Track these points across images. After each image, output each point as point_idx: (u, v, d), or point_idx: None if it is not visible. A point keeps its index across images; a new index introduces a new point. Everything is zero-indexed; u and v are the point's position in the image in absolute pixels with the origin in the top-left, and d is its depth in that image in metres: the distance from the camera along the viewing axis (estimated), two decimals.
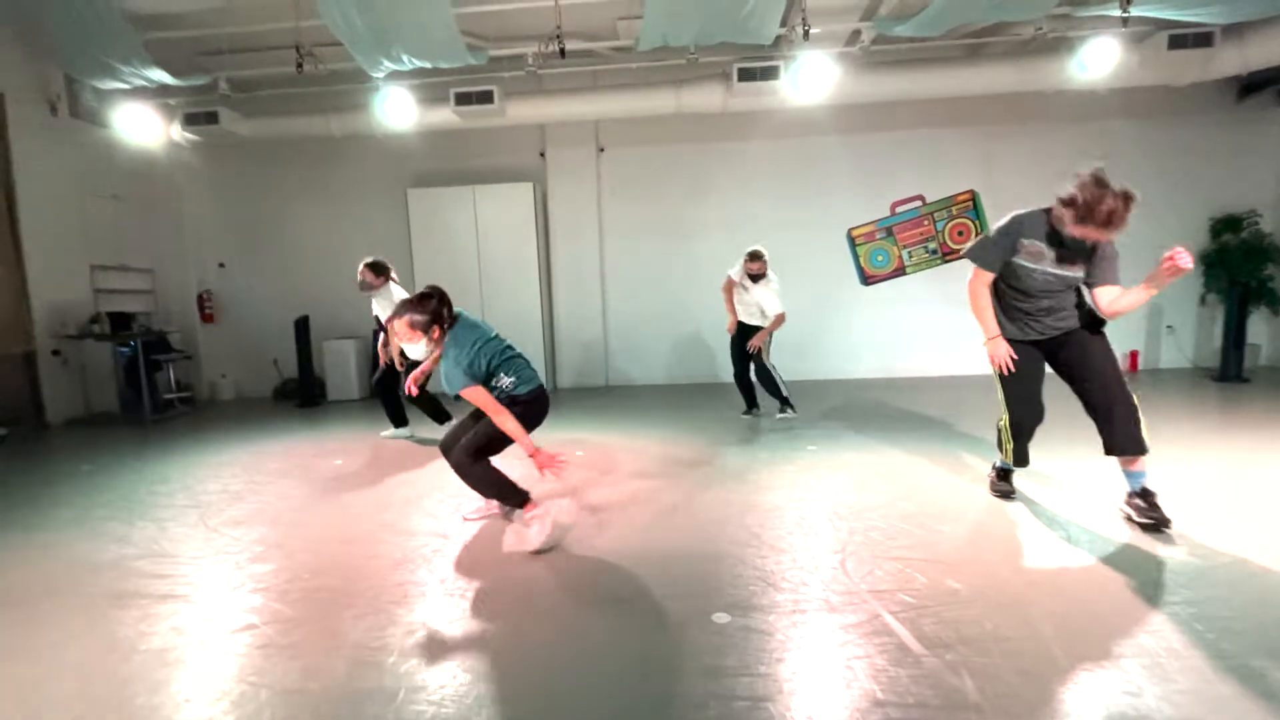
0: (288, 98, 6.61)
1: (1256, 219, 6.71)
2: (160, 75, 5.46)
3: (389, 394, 4.96)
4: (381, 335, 4.70)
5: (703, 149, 7.25)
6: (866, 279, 7.44)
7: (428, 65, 5.39)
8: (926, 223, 7.35)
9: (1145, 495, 2.63)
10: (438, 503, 3.32)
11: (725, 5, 4.63)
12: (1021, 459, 2.91)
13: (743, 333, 5.10)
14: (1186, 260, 2.31)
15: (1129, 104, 6.63)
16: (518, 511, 2.81)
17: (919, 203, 7.33)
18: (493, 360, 2.74)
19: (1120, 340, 7.21)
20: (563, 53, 4.46)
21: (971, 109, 6.78)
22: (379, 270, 4.71)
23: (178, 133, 6.59)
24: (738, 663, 1.78)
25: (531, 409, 2.76)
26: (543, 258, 7.34)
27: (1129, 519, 2.68)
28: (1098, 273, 2.66)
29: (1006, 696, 1.59)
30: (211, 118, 6.30)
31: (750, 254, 4.87)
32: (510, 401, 2.70)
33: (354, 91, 6.46)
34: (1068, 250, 2.62)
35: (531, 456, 2.62)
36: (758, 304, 4.95)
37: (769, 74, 5.80)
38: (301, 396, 7.04)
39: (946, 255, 7.31)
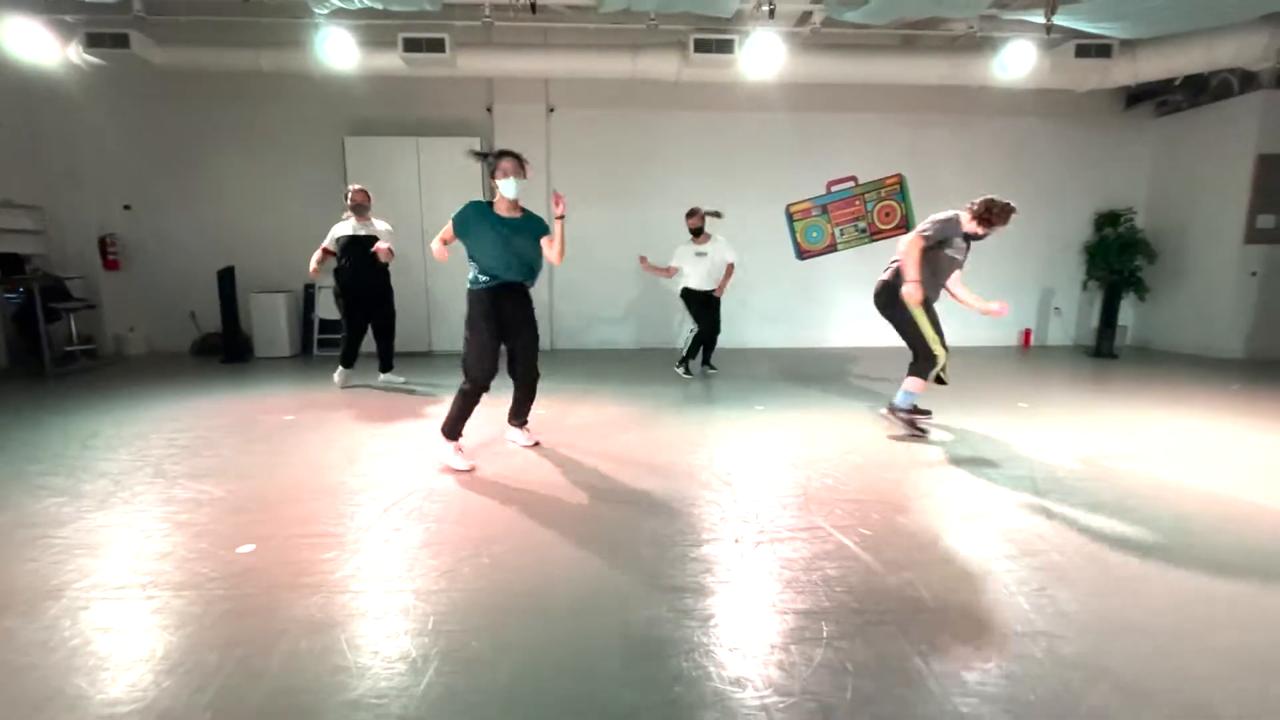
0: (212, 25, 6.05)
1: (1131, 216, 7.65)
2: None
3: (359, 332, 5.24)
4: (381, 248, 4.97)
5: (654, 116, 7.33)
6: (802, 254, 7.88)
7: (378, 6, 5.12)
8: (858, 203, 7.84)
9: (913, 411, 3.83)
10: (410, 455, 3.36)
11: None
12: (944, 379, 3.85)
13: (696, 298, 5.53)
14: (1001, 312, 3.67)
15: (1037, 103, 7.32)
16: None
17: (852, 183, 7.79)
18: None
19: (1016, 320, 8.11)
20: (534, 8, 4.40)
21: (904, 97, 7.23)
22: (369, 196, 5.22)
23: (77, 54, 5.90)
24: (727, 579, 2.03)
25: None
26: None
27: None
28: (963, 262, 3.86)
29: (954, 600, 1.93)
30: (120, 40, 5.67)
31: (690, 211, 5.58)
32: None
33: (288, 26, 6.01)
34: (965, 244, 3.77)
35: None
36: (718, 263, 5.58)
37: (724, 47, 5.94)
38: (227, 353, 6.65)
39: (874, 235, 7.85)
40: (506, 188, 3.15)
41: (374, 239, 5.07)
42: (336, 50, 5.86)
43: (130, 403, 4.63)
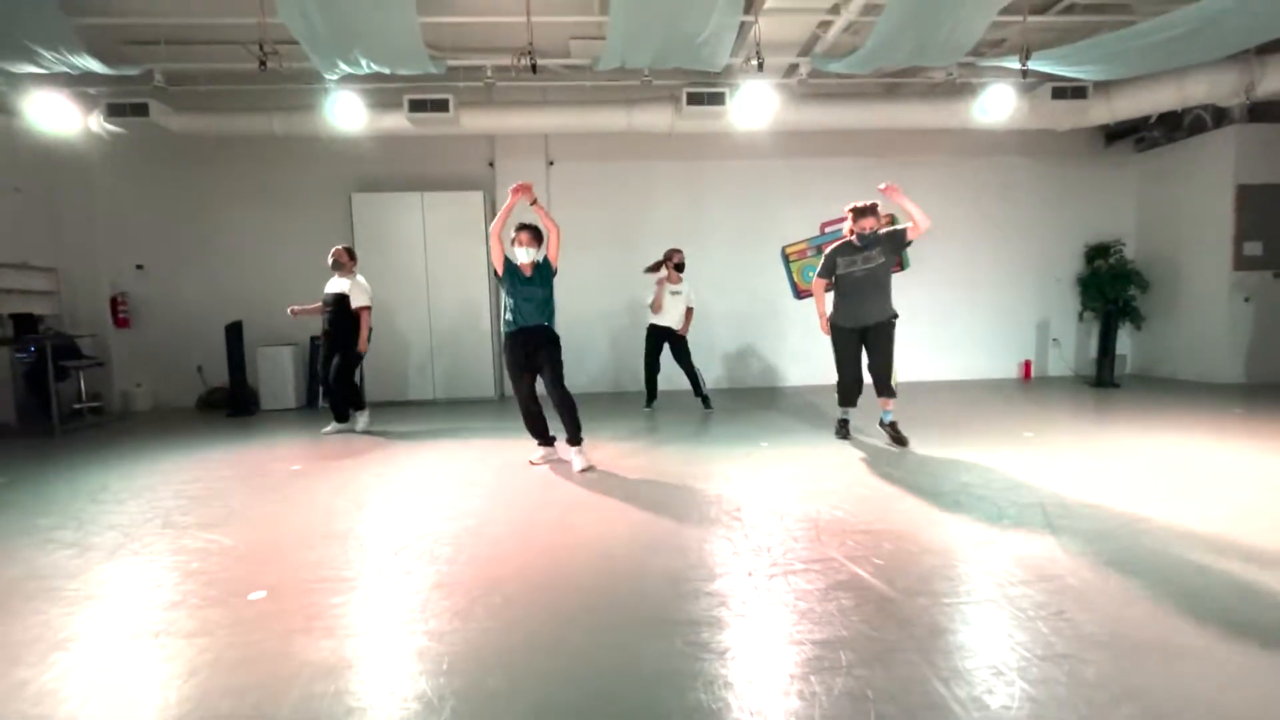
0: (226, 94, 6.36)
1: (1121, 247, 7.82)
2: (89, 63, 5.14)
3: (346, 386, 5.42)
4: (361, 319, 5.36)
5: (651, 166, 7.59)
6: (799, 294, 7.98)
7: (386, 71, 5.39)
8: None
9: (893, 425, 4.40)
10: (417, 499, 3.36)
11: (683, 33, 4.96)
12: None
13: (660, 334, 6.09)
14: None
15: (1021, 143, 7.59)
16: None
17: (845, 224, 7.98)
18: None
19: (1015, 352, 8.18)
20: (534, 68, 4.63)
21: (890, 141, 7.50)
22: (354, 255, 5.50)
23: (97, 124, 6.17)
24: (742, 612, 2.01)
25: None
26: (491, 267, 7.37)
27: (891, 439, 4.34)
28: (865, 262, 4.35)
29: (974, 624, 1.92)
30: (139, 109, 5.96)
31: (677, 249, 6.10)
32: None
33: (299, 91, 6.31)
34: (857, 252, 4.33)
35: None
36: (685, 303, 6.07)
37: (715, 99, 6.22)
38: (232, 406, 6.69)
39: None
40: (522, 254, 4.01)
41: (342, 297, 5.35)
42: (345, 113, 6.14)
43: (137, 457, 4.64)
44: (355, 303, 5.34)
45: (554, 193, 7.56)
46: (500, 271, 4.01)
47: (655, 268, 6.18)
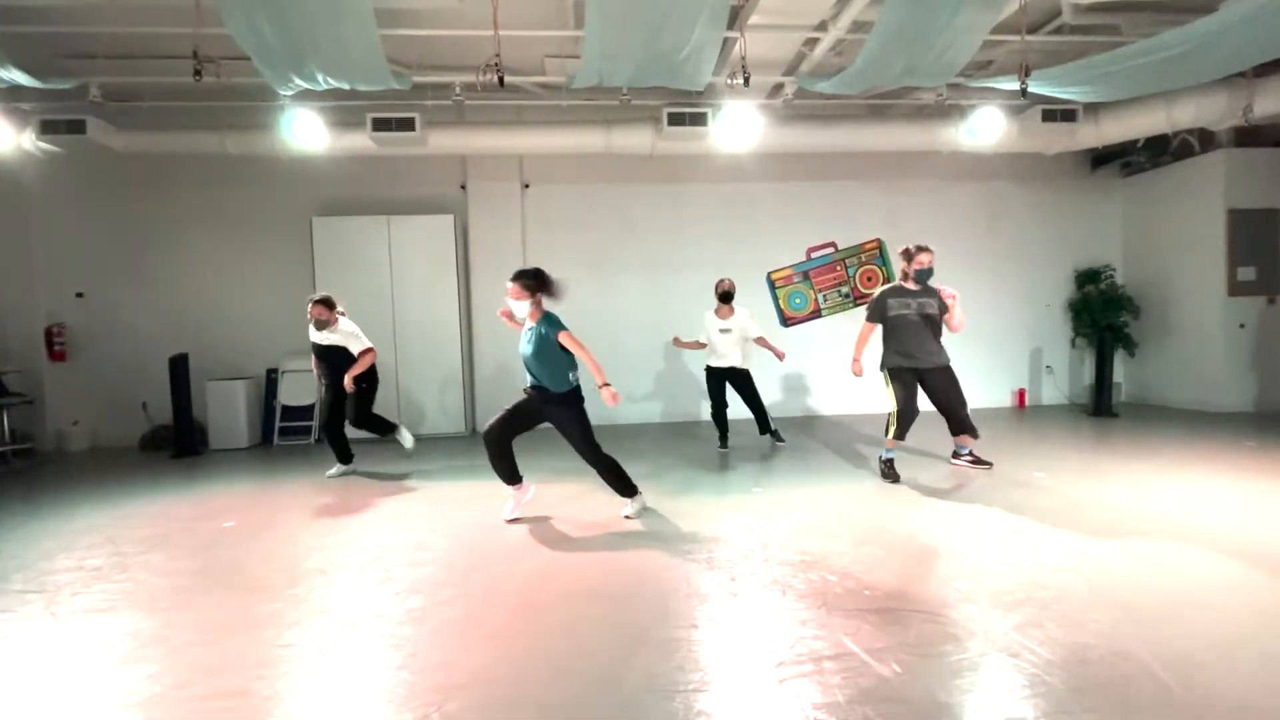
0: (174, 111, 5.94)
1: (1111, 272, 7.65)
2: (16, 75, 4.70)
3: (338, 430, 4.99)
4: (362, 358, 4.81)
5: (631, 189, 7.28)
6: (786, 320, 7.70)
7: (345, 86, 5.02)
8: (839, 268, 7.76)
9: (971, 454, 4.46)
10: (359, 570, 2.90)
11: (663, 49, 4.68)
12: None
13: (720, 375, 5.51)
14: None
15: (1009, 167, 7.42)
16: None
17: (831, 249, 7.74)
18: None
19: (1008, 381, 7.93)
20: (501, 81, 4.29)
21: (878, 164, 7.29)
22: (331, 305, 4.88)
23: (30, 142, 5.70)
24: None
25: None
26: (463, 293, 6.98)
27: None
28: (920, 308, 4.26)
29: None
30: (76, 126, 5.50)
31: (723, 278, 5.63)
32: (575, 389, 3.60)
33: (253, 109, 5.91)
34: (912, 296, 4.27)
35: (604, 387, 3.50)
36: (742, 336, 5.52)
37: (698, 120, 5.95)
38: (177, 445, 6.13)
39: (858, 299, 7.71)
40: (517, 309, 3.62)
41: (334, 349, 4.84)
42: (304, 131, 5.75)
43: (48, 512, 4.10)
44: (356, 349, 4.84)
45: (529, 217, 7.20)
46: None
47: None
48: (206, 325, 6.83)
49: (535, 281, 3.52)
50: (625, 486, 3.61)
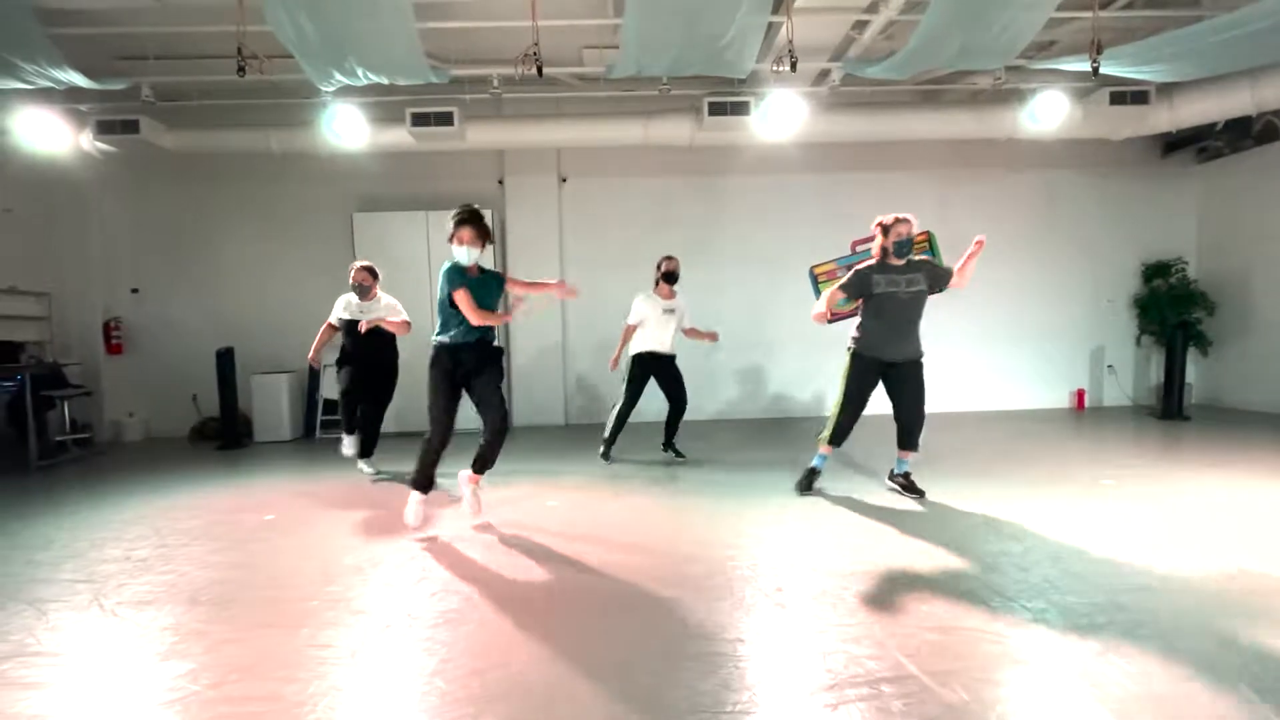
0: (222, 109, 6.06)
1: (1183, 265, 7.16)
2: (72, 76, 4.84)
3: (363, 415, 4.74)
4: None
5: (669, 182, 7.14)
6: (830, 316, 7.44)
7: (384, 81, 5.02)
8: None
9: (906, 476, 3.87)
10: (395, 568, 2.86)
11: (704, 35, 4.52)
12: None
13: (655, 363, 4.89)
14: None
15: (1070, 155, 7.00)
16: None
17: None
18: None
19: (1066, 380, 7.52)
20: (540, 71, 4.21)
21: (928, 153, 6.97)
22: (375, 274, 4.70)
23: (89, 142, 5.89)
24: None
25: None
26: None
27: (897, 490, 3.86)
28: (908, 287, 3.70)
29: None
30: (130, 126, 5.66)
31: (669, 256, 4.98)
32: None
33: (298, 107, 5.99)
34: (896, 273, 3.72)
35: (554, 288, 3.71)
36: (677, 321, 4.92)
37: (739, 109, 5.77)
38: (223, 438, 6.28)
39: None
40: (460, 254, 3.28)
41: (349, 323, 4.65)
42: (344, 127, 5.79)
43: (101, 501, 4.20)
44: (400, 317, 4.64)
45: (566, 211, 7.13)
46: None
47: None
48: (251, 320, 6.98)
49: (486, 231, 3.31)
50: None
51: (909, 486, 3.82)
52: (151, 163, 6.52)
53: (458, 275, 3.24)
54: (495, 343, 3.53)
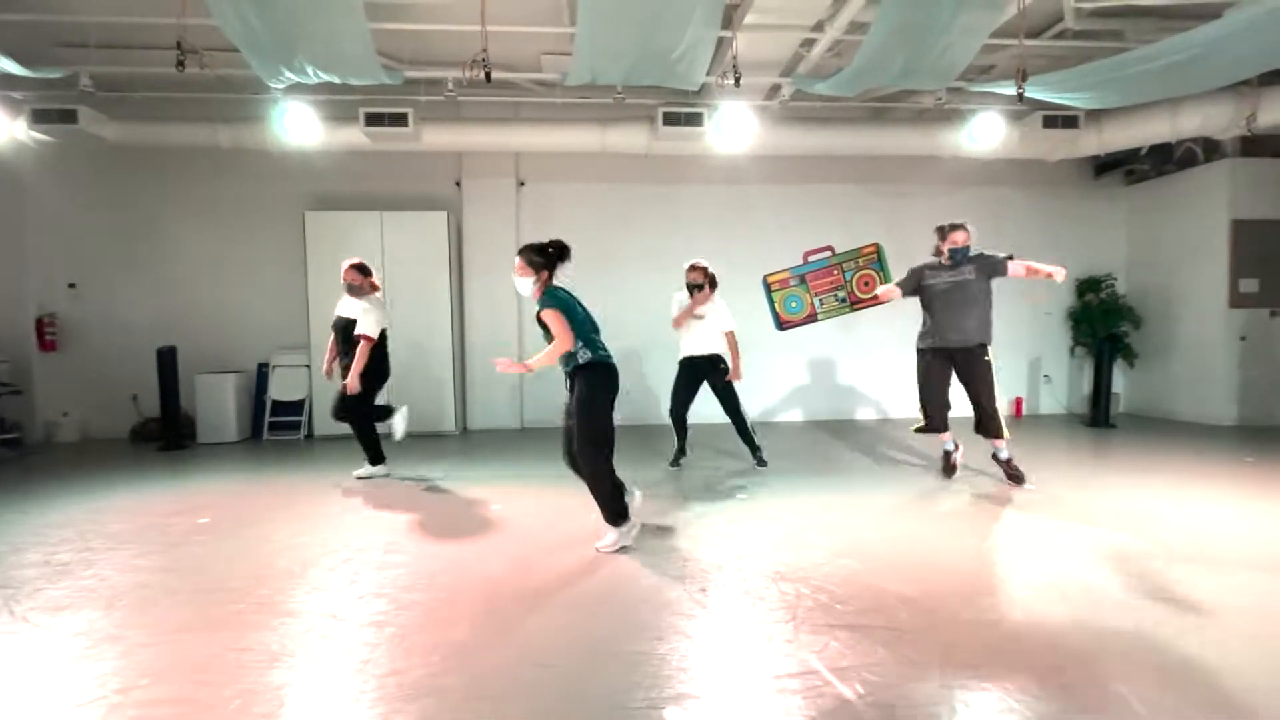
0: (167, 102, 5.90)
1: (1112, 281, 7.55)
2: (6, 64, 4.67)
3: (363, 421, 4.62)
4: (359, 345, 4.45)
5: (627, 189, 7.22)
6: (781, 324, 7.56)
7: (336, 80, 4.97)
8: (836, 272, 7.63)
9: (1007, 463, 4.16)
10: (327, 571, 2.85)
11: (657, 47, 4.62)
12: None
13: (693, 367, 4.95)
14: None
15: (1011, 173, 7.33)
16: None
17: (829, 253, 7.60)
18: (585, 328, 3.07)
19: (1006, 388, 7.80)
20: (488, 76, 4.24)
21: (877, 168, 7.21)
22: (367, 271, 4.60)
23: (23, 131, 5.67)
24: None
25: (600, 375, 3.03)
26: (455, 292, 6.93)
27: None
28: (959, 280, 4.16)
29: None
30: (68, 116, 5.47)
31: (691, 266, 5.06)
32: (587, 366, 3.00)
33: (248, 102, 5.87)
34: (949, 271, 4.15)
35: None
36: (714, 324, 4.99)
37: (693, 120, 5.89)
38: (165, 438, 6.11)
39: (855, 304, 7.61)
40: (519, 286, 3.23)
41: (353, 321, 4.54)
42: (296, 125, 5.71)
43: (27, 504, 4.06)
44: (359, 329, 4.46)
45: (524, 215, 7.15)
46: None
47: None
48: (197, 318, 6.80)
49: (555, 255, 3.24)
50: (607, 514, 3.05)
51: (1010, 474, 4.15)
52: (91, 154, 6.31)
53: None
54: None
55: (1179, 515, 3.54)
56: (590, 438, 2.94)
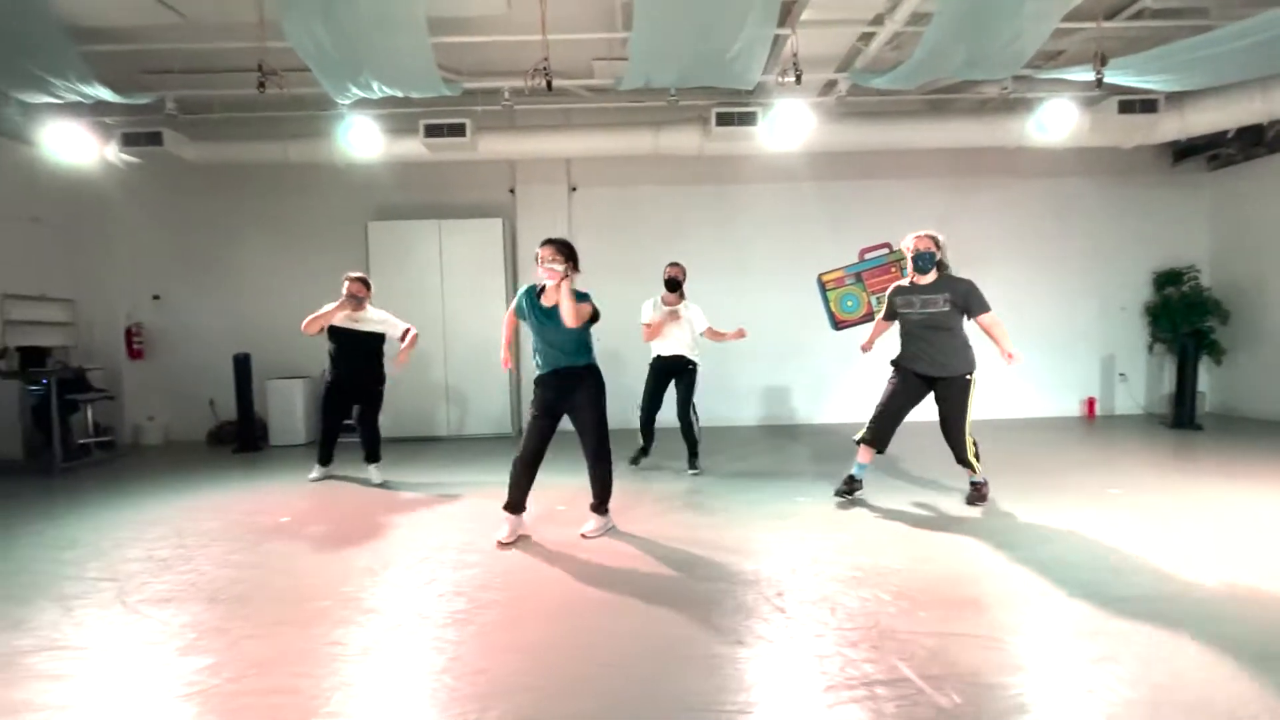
0: (241, 122, 6.22)
1: (1196, 273, 7.12)
2: (100, 91, 5.01)
3: (338, 424, 4.86)
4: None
5: (677, 191, 7.22)
6: (837, 324, 7.45)
7: (399, 94, 5.14)
8: (894, 269, 7.45)
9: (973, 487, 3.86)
10: (405, 570, 2.94)
11: (712, 48, 4.60)
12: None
13: (666, 368, 4.89)
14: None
15: (1080, 163, 7.00)
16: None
17: (886, 250, 7.44)
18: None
19: (1077, 389, 7.48)
20: (549, 85, 4.31)
21: (936, 162, 7.00)
22: (369, 285, 4.81)
23: (114, 153, 6.07)
24: None
25: (600, 374, 3.49)
26: (510, 297, 7.04)
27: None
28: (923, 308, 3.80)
29: None
30: (154, 138, 5.83)
31: (673, 264, 4.95)
32: (593, 366, 3.48)
33: (314, 118, 6.13)
34: (915, 296, 3.79)
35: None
36: (690, 327, 4.84)
37: (747, 119, 5.83)
38: (240, 441, 6.42)
39: None
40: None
41: (369, 335, 4.71)
42: (360, 139, 5.93)
43: (123, 502, 4.33)
44: (399, 330, 4.72)
45: (576, 220, 7.22)
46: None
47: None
48: (268, 326, 7.12)
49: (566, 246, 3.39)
50: (605, 498, 3.44)
51: (972, 497, 3.83)
52: (174, 174, 6.71)
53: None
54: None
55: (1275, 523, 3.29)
56: (605, 428, 3.38)
